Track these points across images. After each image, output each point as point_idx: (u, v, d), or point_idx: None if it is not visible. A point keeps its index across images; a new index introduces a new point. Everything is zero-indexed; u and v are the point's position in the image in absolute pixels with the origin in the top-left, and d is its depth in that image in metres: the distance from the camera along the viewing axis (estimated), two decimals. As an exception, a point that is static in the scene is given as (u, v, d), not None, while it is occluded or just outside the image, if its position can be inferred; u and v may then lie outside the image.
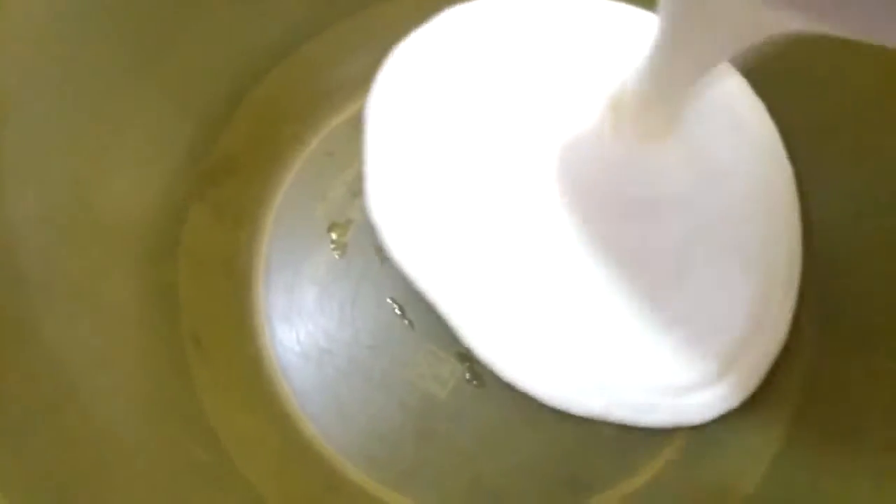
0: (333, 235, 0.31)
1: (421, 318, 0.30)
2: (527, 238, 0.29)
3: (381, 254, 0.30)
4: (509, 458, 0.28)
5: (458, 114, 0.30)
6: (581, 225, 0.28)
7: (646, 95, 0.25)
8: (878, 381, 0.28)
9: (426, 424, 0.29)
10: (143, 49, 0.28)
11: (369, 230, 0.30)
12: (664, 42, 0.21)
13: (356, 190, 0.31)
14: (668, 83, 0.24)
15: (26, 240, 0.25)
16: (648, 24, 0.31)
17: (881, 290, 0.28)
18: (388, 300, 0.30)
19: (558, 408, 0.28)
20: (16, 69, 0.25)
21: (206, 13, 0.29)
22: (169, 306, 0.29)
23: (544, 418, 0.29)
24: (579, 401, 0.28)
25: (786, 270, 0.29)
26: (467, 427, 0.29)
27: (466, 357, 0.29)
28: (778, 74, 0.30)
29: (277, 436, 0.29)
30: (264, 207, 0.31)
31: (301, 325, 0.30)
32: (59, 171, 0.27)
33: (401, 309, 0.30)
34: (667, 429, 0.29)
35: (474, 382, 0.29)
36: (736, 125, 0.30)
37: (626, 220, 0.28)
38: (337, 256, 0.31)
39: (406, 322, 0.30)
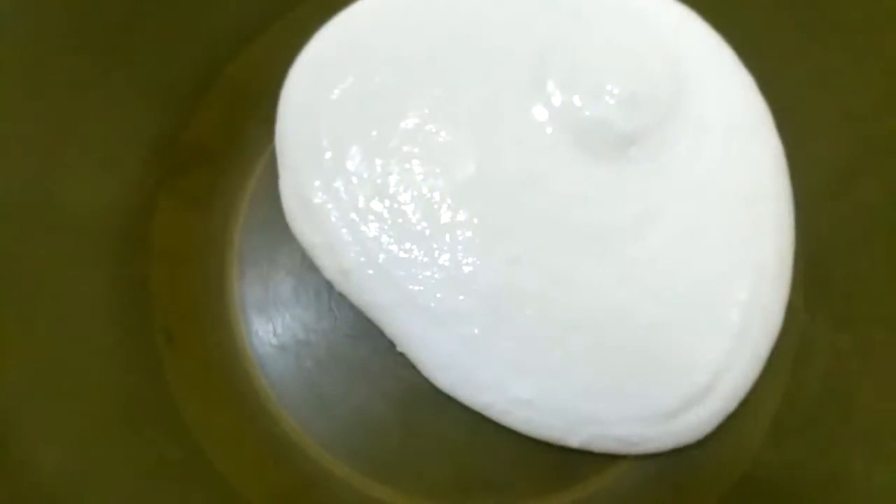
0: (309, 223, 0.30)
1: (401, 305, 0.29)
2: (490, 267, 0.26)
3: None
4: (495, 448, 0.28)
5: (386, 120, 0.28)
6: (546, 249, 0.26)
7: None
8: (869, 351, 0.27)
9: (410, 415, 0.28)
10: (103, 36, 0.28)
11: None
12: None
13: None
14: None
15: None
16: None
17: (867, 260, 0.28)
18: (367, 288, 0.29)
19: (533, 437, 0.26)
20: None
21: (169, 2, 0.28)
22: (139, 301, 0.28)
23: (530, 405, 0.28)
24: (554, 436, 0.26)
25: (776, 264, 0.27)
26: (452, 417, 0.28)
27: (449, 344, 0.28)
28: (763, 47, 0.29)
29: (255, 431, 0.28)
30: (237, 196, 0.30)
31: (278, 317, 0.29)
32: (19, 166, 0.26)
33: (380, 296, 0.29)
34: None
35: (458, 370, 0.28)
36: (727, 113, 0.28)
37: (595, 242, 0.26)
38: (313, 245, 0.30)
39: (386, 310, 0.29)
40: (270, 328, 0.29)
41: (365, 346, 0.29)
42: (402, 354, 0.27)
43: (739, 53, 0.30)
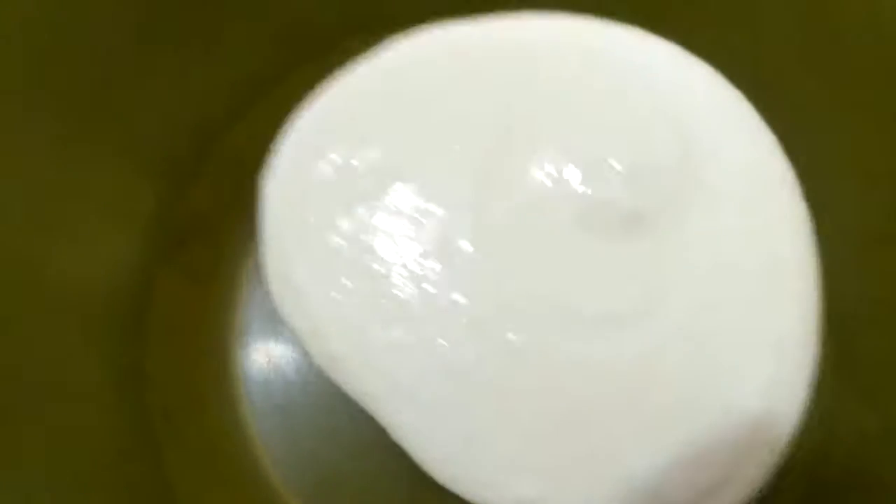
0: (312, 292, 0.29)
1: (406, 379, 0.28)
2: (488, 356, 0.24)
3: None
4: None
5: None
6: (548, 336, 0.24)
7: None
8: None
9: (416, 496, 0.27)
10: (96, 107, 0.27)
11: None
12: None
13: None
14: None
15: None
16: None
17: (894, 336, 0.26)
18: (372, 360, 0.28)
19: None
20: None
21: (161, 64, 0.27)
22: (136, 380, 0.27)
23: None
24: None
25: (799, 340, 0.25)
26: (459, 499, 0.27)
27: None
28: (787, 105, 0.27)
29: (259, 513, 0.27)
30: (238, 266, 0.29)
31: (280, 393, 0.29)
32: (9, 243, 0.25)
33: (385, 369, 0.28)
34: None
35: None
36: (746, 178, 0.26)
37: (601, 327, 0.24)
38: (317, 315, 0.29)
39: (392, 384, 0.28)
40: (273, 404, 0.28)
41: (370, 423, 0.28)
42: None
43: (761, 111, 0.28)
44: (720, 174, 0.26)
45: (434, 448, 0.25)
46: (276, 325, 0.29)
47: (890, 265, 0.26)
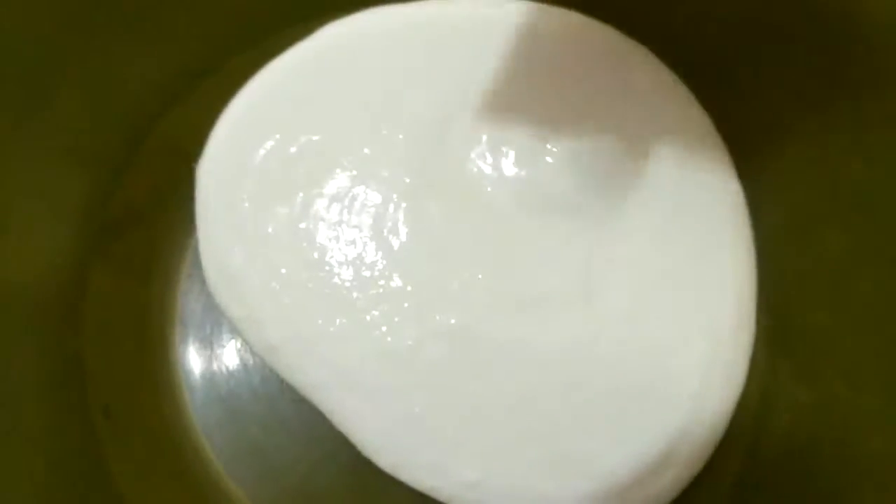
0: (252, 281, 0.29)
1: (349, 367, 0.28)
2: (428, 340, 0.24)
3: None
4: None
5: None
6: (489, 318, 0.24)
7: None
8: (830, 407, 0.26)
9: (360, 482, 0.27)
10: (26, 96, 0.26)
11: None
12: None
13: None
14: None
15: None
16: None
17: (831, 312, 0.26)
18: (314, 349, 0.28)
19: None
20: None
21: (93, 51, 0.27)
22: (73, 377, 0.27)
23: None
24: None
25: (736, 317, 0.26)
26: (403, 486, 0.27)
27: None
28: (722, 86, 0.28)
29: (202, 505, 0.27)
30: (175, 257, 0.29)
31: (222, 383, 0.28)
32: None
33: (328, 358, 0.28)
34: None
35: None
36: (682, 160, 0.26)
37: (541, 309, 0.25)
38: (257, 305, 0.29)
39: (334, 372, 0.28)
40: (215, 394, 0.28)
41: (313, 411, 0.27)
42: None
43: (695, 92, 0.28)
44: (656, 157, 0.26)
45: (377, 435, 0.25)
46: (217, 316, 0.29)
47: (823, 243, 0.27)
